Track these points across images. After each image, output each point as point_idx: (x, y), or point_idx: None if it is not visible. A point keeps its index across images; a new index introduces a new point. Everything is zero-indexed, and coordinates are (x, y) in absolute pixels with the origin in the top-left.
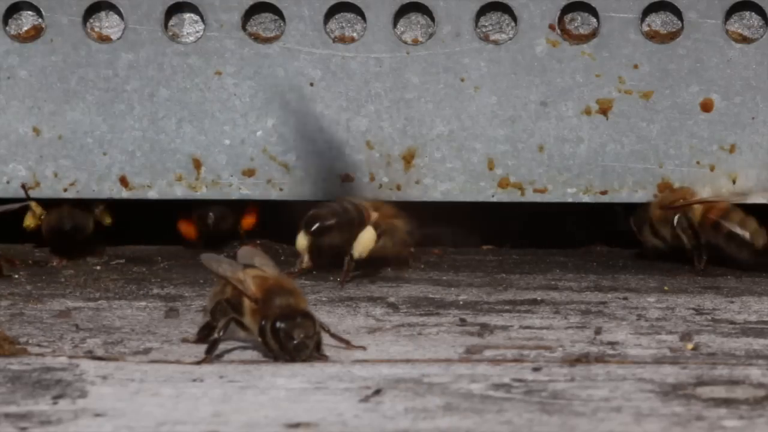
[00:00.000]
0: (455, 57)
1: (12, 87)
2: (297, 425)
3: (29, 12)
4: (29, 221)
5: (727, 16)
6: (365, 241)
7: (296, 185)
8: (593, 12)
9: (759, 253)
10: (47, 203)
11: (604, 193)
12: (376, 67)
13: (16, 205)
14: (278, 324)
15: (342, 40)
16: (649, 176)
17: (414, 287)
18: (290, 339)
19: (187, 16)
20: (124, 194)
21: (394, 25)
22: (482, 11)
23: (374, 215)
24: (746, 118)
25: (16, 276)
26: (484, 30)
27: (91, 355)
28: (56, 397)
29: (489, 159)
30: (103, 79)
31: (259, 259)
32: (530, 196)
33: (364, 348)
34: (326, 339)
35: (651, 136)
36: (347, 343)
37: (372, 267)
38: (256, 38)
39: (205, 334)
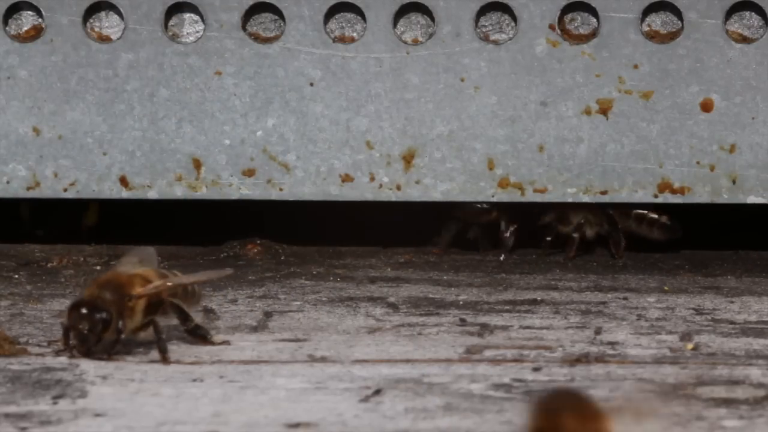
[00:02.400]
0: (455, 57)
1: (12, 87)
2: (297, 425)
3: (29, 12)
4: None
5: (727, 16)
6: None
7: (296, 185)
8: (593, 12)
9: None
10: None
11: (604, 193)
12: (376, 67)
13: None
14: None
15: (342, 40)
16: (649, 176)
17: (414, 287)
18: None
19: (187, 16)
20: (124, 194)
21: (394, 25)
22: (482, 11)
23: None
24: (746, 118)
25: (16, 276)
26: (484, 30)
27: None
28: (56, 397)
29: (489, 159)
30: (103, 79)
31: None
32: (530, 196)
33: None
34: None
35: (651, 136)
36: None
37: None
38: (256, 38)
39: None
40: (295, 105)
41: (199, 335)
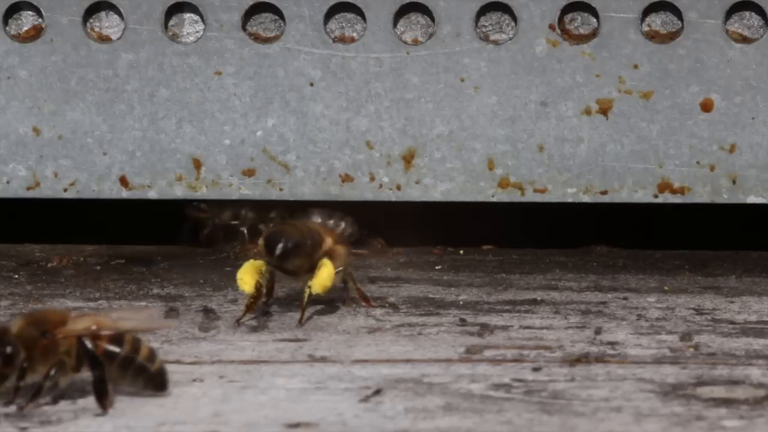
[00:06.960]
0: (455, 57)
1: (12, 87)
2: (297, 425)
3: (29, 12)
4: None
5: (727, 16)
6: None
7: (296, 185)
8: (593, 12)
9: None
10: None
11: (604, 193)
12: (376, 67)
13: None
14: None
15: (342, 40)
16: (649, 176)
17: (414, 287)
18: None
19: (187, 16)
20: (124, 194)
21: (394, 25)
22: (482, 11)
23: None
24: (746, 118)
25: (16, 276)
26: (484, 30)
27: None
28: (56, 397)
29: (489, 159)
30: (103, 79)
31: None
32: (530, 196)
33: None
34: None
35: (651, 136)
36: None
37: None
38: (256, 38)
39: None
40: (295, 105)
41: (100, 392)
